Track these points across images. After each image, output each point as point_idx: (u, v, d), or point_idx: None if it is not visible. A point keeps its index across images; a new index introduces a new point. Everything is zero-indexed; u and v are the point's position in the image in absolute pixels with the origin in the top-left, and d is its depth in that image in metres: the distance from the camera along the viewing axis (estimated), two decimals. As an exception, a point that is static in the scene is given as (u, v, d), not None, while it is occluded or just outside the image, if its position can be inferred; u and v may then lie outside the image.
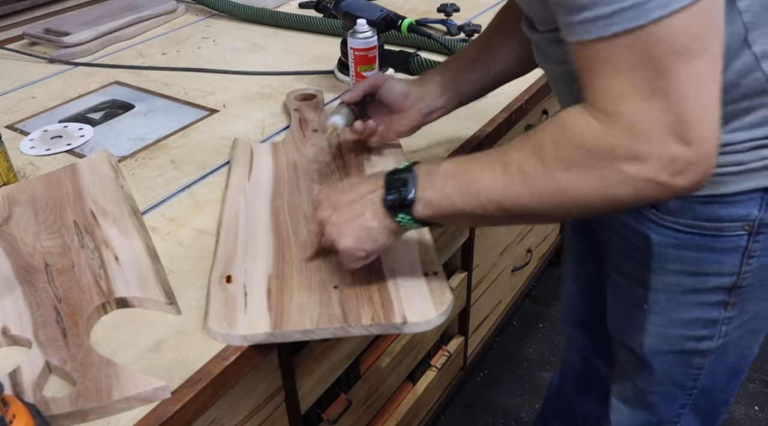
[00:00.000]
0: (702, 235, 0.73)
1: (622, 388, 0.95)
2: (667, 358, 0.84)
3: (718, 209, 0.71)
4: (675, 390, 0.88)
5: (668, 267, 0.77)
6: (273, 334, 0.70)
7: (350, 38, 1.12)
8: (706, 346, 0.81)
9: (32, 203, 0.91)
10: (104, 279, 0.77)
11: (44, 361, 0.67)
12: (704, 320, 0.79)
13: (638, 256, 0.79)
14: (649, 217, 0.75)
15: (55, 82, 1.34)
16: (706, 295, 0.77)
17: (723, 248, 0.73)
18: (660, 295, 0.79)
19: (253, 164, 0.99)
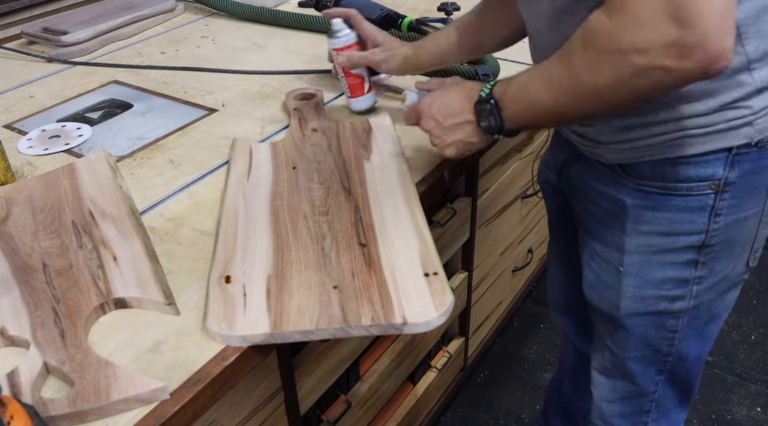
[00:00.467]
0: (673, 195, 0.78)
1: (601, 359, 0.97)
2: (643, 320, 0.87)
3: (686, 170, 0.76)
4: (651, 355, 0.91)
5: (642, 228, 0.81)
6: (272, 335, 0.70)
7: (330, 40, 1.11)
8: (678, 307, 0.85)
9: (30, 203, 0.91)
10: (103, 279, 0.77)
11: (42, 361, 0.67)
12: (676, 280, 0.83)
13: (614, 221, 0.84)
14: (624, 183, 0.80)
15: (53, 82, 1.34)
16: (678, 255, 0.81)
17: (692, 207, 0.77)
18: (634, 257, 0.84)
19: (252, 164, 0.99)
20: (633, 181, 0.79)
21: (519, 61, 1.33)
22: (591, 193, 0.86)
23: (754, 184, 0.76)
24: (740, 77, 0.70)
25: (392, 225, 0.85)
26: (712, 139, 0.73)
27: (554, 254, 1.15)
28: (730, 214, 0.77)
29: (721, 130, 0.73)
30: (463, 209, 1.21)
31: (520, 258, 1.65)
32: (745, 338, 1.80)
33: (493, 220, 1.39)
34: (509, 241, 1.53)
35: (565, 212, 1.03)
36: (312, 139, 1.05)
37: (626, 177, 0.80)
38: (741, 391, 1.65)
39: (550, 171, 1.00)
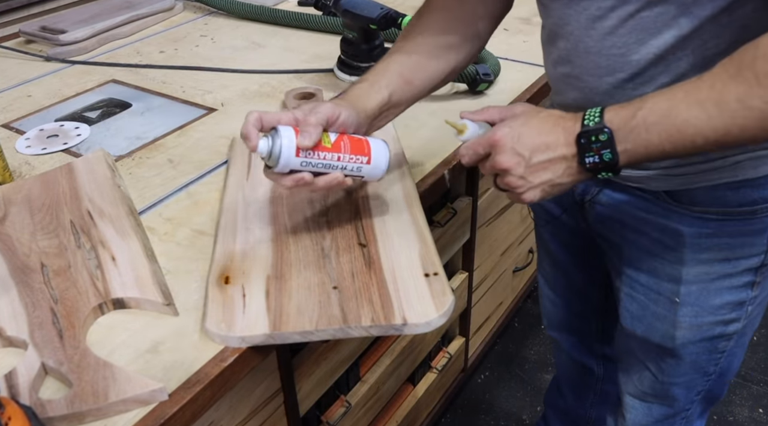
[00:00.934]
0: (735, 220, 0.73)
1: (639, 384, 0.94)
2: (697, 347, 0.84)
3: (750, 193, 0.71)
4: (697, 378, 0.88)
5: (701, 257, 0.77)
6: (272, 336, 0.70)
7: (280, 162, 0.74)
8: (733, 329, 0.82)
9: (28, 203, 0.91)
10: (101, 280, 0.77)
11: (40, 362, 0.67)
12: (734, 303, 0.80)
13: (665, 251, 0.78)
14: (676, 210, 0.75)
15: (51, 81, 1.34)
16: (737, 279, 0.78)
17: (754, 230, 0.74)
18: (692, 287, 0.79)
19: (251, 164, 0.99)
20: (687, 208, 0.74)
21: (522, 60, 1.33)
22: (631, 222, 0.80)
23: None
24: None
25: (392, 225, 0.85)
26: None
27: (546, 274, 1.11)
28: None
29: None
30: (464, 209, 1.21)
31: (521, 258, 1.65)
32: (747, 339, 1.80)
33: (493, 220, 1.39)
34: (510, 242, 1.53)
35: (571, 242, 1.00)
36: (312, 139, 1.04)
37: (677, 204, 0.75)
38: (743, 392, 1.65)
39: (550, 202, 0.96)
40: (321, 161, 0.74)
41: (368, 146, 0.77)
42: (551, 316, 1.18)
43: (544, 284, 1.15)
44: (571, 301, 1.11)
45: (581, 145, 0.63)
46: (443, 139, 1.06)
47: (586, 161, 0.64)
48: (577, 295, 1.09)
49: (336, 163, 0.75)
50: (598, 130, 0.62)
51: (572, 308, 1.13)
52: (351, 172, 0.77)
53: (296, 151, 0.72)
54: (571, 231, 0.97)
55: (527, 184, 0.67)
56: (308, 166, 0.74)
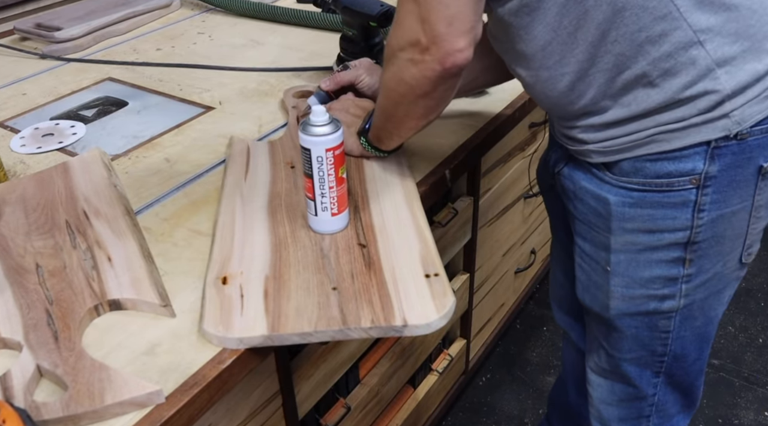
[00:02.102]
0: (653, 191, 0.79)
1: (597, 360, 0.98)
2: (634, 320, 0.88)
3: (666, 165, 0.77)
4: (646, 356, 0.92)
5: (626, 226, 0.82)
6: (270, 337, 0.70)
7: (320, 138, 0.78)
8: (668, 306, 0.86)
9: (23, 203, 0.91)
10: (97, 280, 0.77)
11: (35, 364, 0.67)
12: (664, 278, 0.84)
13: (599, 220, 0.85)
14: (607, 180, 0.82)
15: (46, 79, 1.34)
16: (663, 252, 0.82)
17: (674, 203, 0.78)
18: (620, 256, 0.85)
19: (249, 163, 0.99)
20: (616, 178, 0.81)
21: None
22: (579, 193, 0.87)
23: (738, 177, 0.77)
24: (691, 53, 0.71)
25: (392, 225, 0.85)
26: (688, 133, 0.75)
27: (556, 253, 1.16)
28: (714, 210, 0.78)
29: (696, 124, 0.74)
30: (465, 209, 1.21)
31: (523, 259, 1.65)
32: (752, 341, 1.80)
33: (495, 220, 1.39)
34: (512, 242, 1.53)
35: (562, 212, 1.04)
36: (311, 138, 1.04)
37: (609, 175, 0.81)
38: (748, 395, 1.65)
39: (546, 171, 1.01)
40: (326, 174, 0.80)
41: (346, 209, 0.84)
42: (559, 299, 1.20)
43: (553, 263, 1.18)
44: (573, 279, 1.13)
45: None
46: (444, 139, 1.06)
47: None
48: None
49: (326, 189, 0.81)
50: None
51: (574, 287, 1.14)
52: (319, 203, 0.82)
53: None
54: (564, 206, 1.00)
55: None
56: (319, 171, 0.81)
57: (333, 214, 0.82)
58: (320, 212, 0.82)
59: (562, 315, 1.21)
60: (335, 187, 0.81)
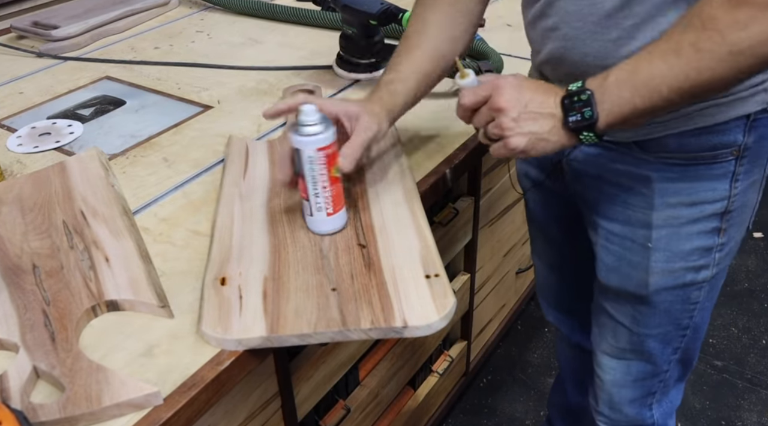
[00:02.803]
0: (698, 164, 0.80)
1: (614, 342, 0.98)
2: (670, 294, 0.89)
3: (711, 138, 0.78)
4: (671, 331, 0.93)
5: (669, 201, 0.83)
6: (269, 339, 0.70)
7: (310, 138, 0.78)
8: (703, 277, 0.88)
9: (19, 202, 0.91)
10: (94, 281, 0.77)
11: (32, 366, 0.67)
12: (702, 249, 0.86)
13: (637, 198, 0.85)
14: (644, 158, 0.82)
15: (43, 77, 1.34)
16: (703, 224, 0.84)
17: (716, 175, 0.81)
18: (662, 231, 0.85)
19: (248, 162, 0.99)
20: (655, 156, 0.81)
21: (525, 56, 1.33)
22: (606, 175, 0.87)
23: (763, 149, 0.81)
24: None
25: (392, 225, 0.85)
26: (734, 106, 0.76)
27: (541, 255, 1.16)
28: (745, 179, 0.82)
29: (743, 98, 0.76)
30: (466, 209, 1.21)
31: (525, 259, 1.65)
32: (755, 342, 1.80)
33: (496, 220, 1.39)
34: (513, 242, 1.53)
35: (556, 208, 1.04)
36: (310, 137, 1.04)
37: (645, 153, 0.82)
38: (752, 396, 1.65)
39: (534, 167, 1.01)
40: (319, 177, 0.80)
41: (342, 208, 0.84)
42: (547, 296, 1.21)
43: (538, 262, 1.18)
44: (565, 278, 1.15)
45: (565, 105, 0.71)
46: (444, 138, 1.07)
47: (569, 120, 0.71)
48: (570, 270, 1.12)
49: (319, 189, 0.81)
50: (579, 92, 0.70)
51: (565, 284, 1.16)
52: (313, 204, 0.82)
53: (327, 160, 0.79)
54: (557, 197, 1.01)
55: (517, 128, 0.73)
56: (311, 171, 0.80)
57: (328, 214, 0.82)
58: (315, 212, 0.82)
59: (551, 310, 1.23)
60: (329, 187, 0.81)
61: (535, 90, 0.73)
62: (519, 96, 0.72)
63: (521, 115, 0.72)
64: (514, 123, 0.72)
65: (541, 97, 0.73)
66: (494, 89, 0.74)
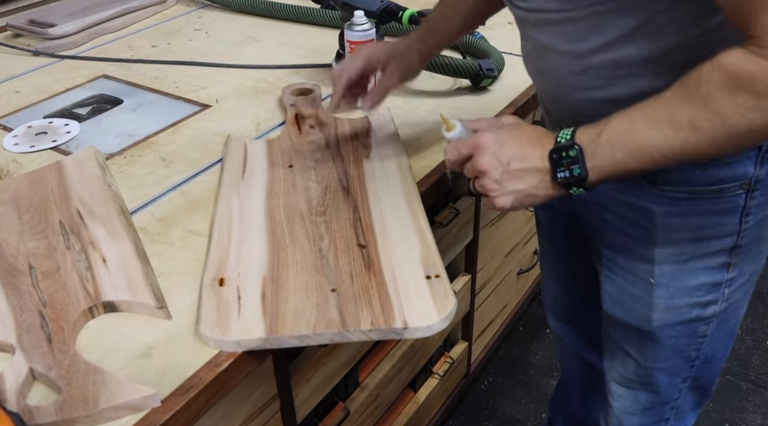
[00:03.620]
0: (703, 199, 0.77)
1: (623, 370, 0.97)
2: (674, 330, 0.87)
3: (717, 171, 0.75)
4: (680, 363, 0.91)
5: (673, 236, 0.80)
6: (268, 340, 0.70)
7: (347, 31, 1.10)
8: (711, 312, 0.85)
9: (15, 202, 0.91)
10: (91, 282, 0.77)
11: (28, 367, 0.67)
12: (709, 285, 0.83)
13: (640, 231, 0.82)
14: (649, 190, 0.79)
15: (39, 76, 1.34)
16: (710, 259, 0.81)
17: (723, 209, 0.77)
18: (666, 267, 0.83)
19: (247, 162, 0.99)
20: (660, 188, 0.78)
21: (525, 55, 1.33)
22: (609, 204, 0.84)
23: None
24: None
25: (393, 225, 0.85)
26: None
27: (549, 263, 1.15)
28: (758, 212, 0.78)
29: None
30: (467, 209, 1.21)
31: (526, 260, 1.65)
32: (759, 344, 1.80)
33: (497, 220, 1.39)
34: (514, 243, 1.53)
35: (561, 223, 1.03)
36: (309, 136, 1.05)
37: (650, 184, 0.79)
38: (755, 398, 1.65)
39: None
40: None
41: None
42: (554, 308, 1.20)
43: (546, 274, 1.17)
44: (572, 291, 1.14)
45: (553, 160, 0.70)
46: (445, 137, 1.06)
47: (558, 176, 0.70)
48: (577, 284, 1.11)
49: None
50: (568, 147, 0.68)
51: (573, 298, 1.15)
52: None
53: None
54: (565, 216, 0.99)
55: (501, 189, 0.72)
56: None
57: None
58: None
59: (560, 324, 1.21)
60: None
61: (519, 145, 0.72)
62: (501, 155, 0.71)
63: (503, 176, 0.71)
64: (497, 184, 0.72)
65: (525, 150, 0.71)
66: (475, 149, 0.73)
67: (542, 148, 0.71)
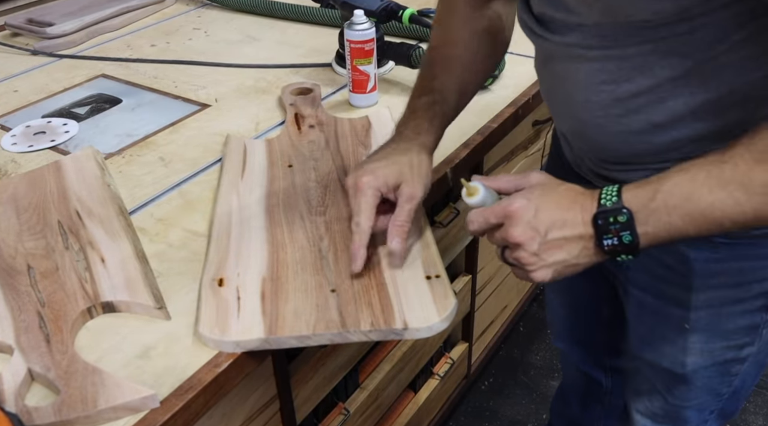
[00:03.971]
0: (743, 244, 0.72)
1: (649, 405, 0.94)
2: (708, 371, 0.84)
3: None
4: (709, 399, 0.88)
5: (711, 283, 0.76)
6: (267, 340, 0.70)
7: (346, 30, 1.11)
8: (747, 353, 0.82)
9: (14, 202, 0.91)
10: (90, 282, 0.77)
11: (26, 368, 0.67)
12: (747, 328, 0.79)
13: (674, 276, 0.78)
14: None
15: (38, 75, 1.34)
16: (749, 303, 0.77)
17: (765, 253, 0.73)
18: (701, 313, 0.79)
19: (246, 162, 0.99)
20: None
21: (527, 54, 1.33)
22: None
23: None
24: None
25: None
26: None
27: (556, 286, 1.10)
28: None
29: None
30: (467, 209, 1.20)
31: (527, 260, 1.65)
32: (761, 344, 1.80)
33: (498, 220, 1.38)
34: (515, 243, 1.53)
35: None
36: (309, 136, 1.05)
37: None
38: (757, 399, 1.65)
39: None
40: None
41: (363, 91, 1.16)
42: (558, 327, 1.19)
43: (551, 293, 1.15)
44: (578, 312, 1.12)
45: (599, 226, 0.62)
46: (445, 137, 1.06)
47: (604, 243, 0.62)
48: (584, 305, 1.09)
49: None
50: (616, 211, 0.61)
51: (579, 319, 1.13)
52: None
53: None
54: None
55: (540, 262, 0.65)
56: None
57: (350, 90, 1.16)
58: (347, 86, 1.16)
59: (565, 344, 1.19)
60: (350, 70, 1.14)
61: (555, 208, 0.64)
62: (537, 224, 0.63)
63: (541, 248, 0.63)
64: (536, 257, 0.64)
65: (565, 216, 0.63)
66: (506, 219, 0.65)
67: (583, 211, 0.63)
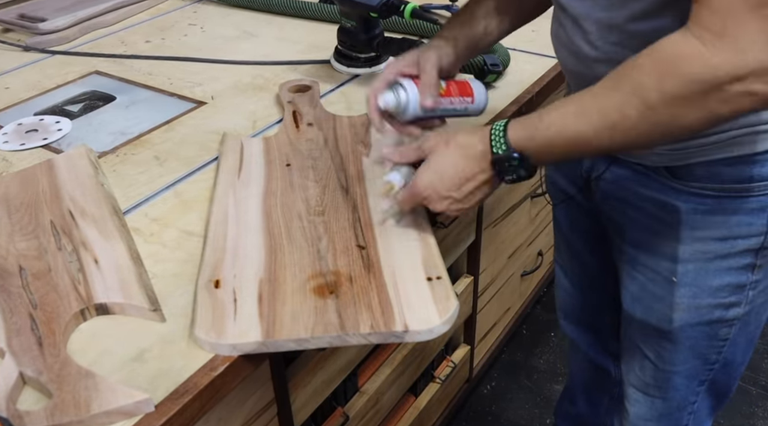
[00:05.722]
0: (731, 197, 0.76)
1: (641, 375, 0.97)
2: (695, 330, 0.87)
3: (747, 169, 0.74)
4: (698, 366, 0.91)
5: (697, 235, 0.80)
6: (264, 343, 0.70)
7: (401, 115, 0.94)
8: (733, 314, 0.85)
9: (5, 202, 0.91)
10: (83, 283, 0.77)
11: (18, 371, 0.67)
12: (733, 286, 0.83)
13: (664, 228, 0.82)
14: (673, 186, 0.79)
15: (30, 72, 1.34)
16: (735, 260, 0.81)
17: (751, 209, 0.77)
18: (689, 266, 0.83)
19: (243, 160, 0.99)
20: (684, 184, 0.78)
21: (531, 50, 1.33)
22: (632, 199, 0.85)
23: None
24: None
25: (393, 226, 0.85)
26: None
27: (565, 265, 1.15)
28: None
29: None
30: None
31: (530, 261, 1.65)
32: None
33: (500, 221, 1.39)
34: (518, 244, 1.53)
35: (583, 223, 1.02)
36: (307, 135, 1.05)
37: (675, 180, 0.79)
38: (766, 404, 1.65)
39: (565, 180, 0.99)
40: (438, 107, 0.89)
41: (470, 87, 0.93)
42: (566, 308, 1.20)
43: (561, 273, 1.17)
44: (586, 291, 1.14)
45: (498, 170, 0.75)
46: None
47: (506, 179, 0.75)
48: (592, 284, 1.11)
49: (449, 107, 0.91)
50: (509, 157, 0.73)
51: (587, 299, 1.15)
52: (459, 112, 0.93)
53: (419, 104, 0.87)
54: (586, 213, 0.99)
55: (466, 205, 0.78)
56: (428, 113, 0.89)
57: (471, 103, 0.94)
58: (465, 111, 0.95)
59: (570, 325, 1.21)
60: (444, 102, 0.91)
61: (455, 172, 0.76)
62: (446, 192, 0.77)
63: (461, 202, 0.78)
64: (460, 204, 0.78)
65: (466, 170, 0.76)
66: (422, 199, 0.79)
67: (478, 160, 0.75)
